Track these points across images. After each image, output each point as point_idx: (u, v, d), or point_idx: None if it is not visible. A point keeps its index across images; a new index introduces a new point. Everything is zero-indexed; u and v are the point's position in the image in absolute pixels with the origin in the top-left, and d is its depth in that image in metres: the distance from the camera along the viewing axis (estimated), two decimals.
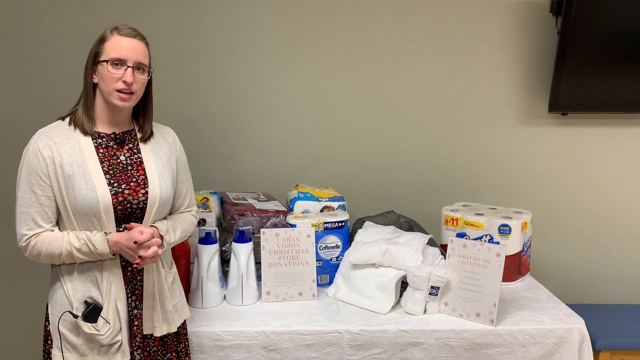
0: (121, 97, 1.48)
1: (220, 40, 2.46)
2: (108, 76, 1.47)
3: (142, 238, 1.47)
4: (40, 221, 1.48)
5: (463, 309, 1.88)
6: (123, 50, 1.47)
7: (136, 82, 1.49)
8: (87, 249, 1.47)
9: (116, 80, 1.47)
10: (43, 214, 1.48)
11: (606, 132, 2.54)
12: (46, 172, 1.46)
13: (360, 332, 1.81)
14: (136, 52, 1.48)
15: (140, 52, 1.50)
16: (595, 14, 2.30)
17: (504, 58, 2.49)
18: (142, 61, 1.50)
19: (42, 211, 1.48)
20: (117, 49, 1.47)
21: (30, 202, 1.47)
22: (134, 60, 1.48)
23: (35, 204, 1.47)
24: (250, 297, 2.00)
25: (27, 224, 1.48)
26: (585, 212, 2.59)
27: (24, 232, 1.48)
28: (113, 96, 1.49)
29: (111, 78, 1.47)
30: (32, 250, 1.48)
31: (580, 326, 1.84)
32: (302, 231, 2.05)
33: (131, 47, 1.48)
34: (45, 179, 1.47)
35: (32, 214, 1.47)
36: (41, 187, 1.47)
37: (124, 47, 1.47)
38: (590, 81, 2.38)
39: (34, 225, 1.48)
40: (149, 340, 1.60)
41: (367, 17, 2.47)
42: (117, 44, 1.47)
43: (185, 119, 2.48)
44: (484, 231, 2.19)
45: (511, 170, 2.57)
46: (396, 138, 2.55)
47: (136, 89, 1.50)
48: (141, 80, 1.51)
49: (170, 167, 1.64)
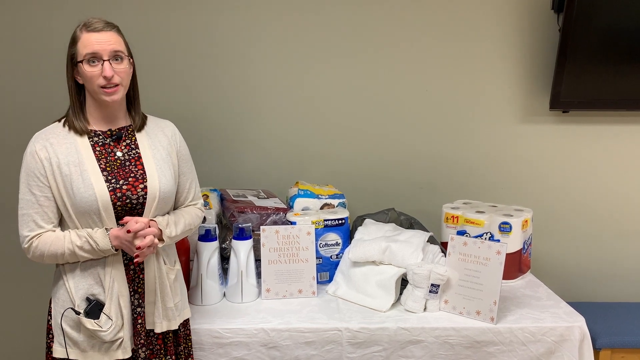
0: (106, 92, 1.48)
1: (218, 37, 2.46)
2: (87, 75, 1.47)
3: (136, 227, 1.46)
4: (40, 222, 1.48)
5: (463, 307, 1.88)
6: (95, 46, 1.45)
7: (117, 73, 1.48)
8: (89, 247, 1.47)
9: (97, 77, 1.46)
10: (43, 215, 1.48)
11: (608, 130, 2.53)
12: (44, 173, 1.47)
13: (360, 329, 1.81)
14: (108, 43, 1.47)
15: (113, 41, 1.48)
16: (597, 10, 2.29)
17: (505, 55, 2.48)
18: (116, 49, 1.48)
19: (42, 212, 1.48)
20: (88, 45, 1.45)
21: (30, 203, 1.48)
22: (109, 51, 1.46)
23: (34, 205, 1.48)
24: (250, 294, 2.00)
25: (28, 225, 1.48)
26: (586, 210, 2.58)
27: (25, 234, 1.49)
28: (99, 93, 1.48)
29: (91, 76, 1.46)
30: (35, 251, 1.49)
31: (580, 324, 1.83)
32: (302, 228, 2.04)
33: (102, 40, 1.46)
34: (44, 180, 1.47)
35: (32, 215, 1.48)
36: (40, 188, 1.47)
37: (95, 41, 1.45)
38: (591, 78, 2.37)
39: (34, 227, 1.48)
40: (152, 338, 1.60)
41: (368, 14, 2.46)
42: (88, 40, 1.46)
43: (185, 116, 2.48)
44: (485, 229, 2.19)
45: (512, 167, 2.57)
46: (396, 135, 2.54)
47: (120, 80, 1.49)
48: (123, 70, 1.50)
49: (171, 160, 1.63)
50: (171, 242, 1.62)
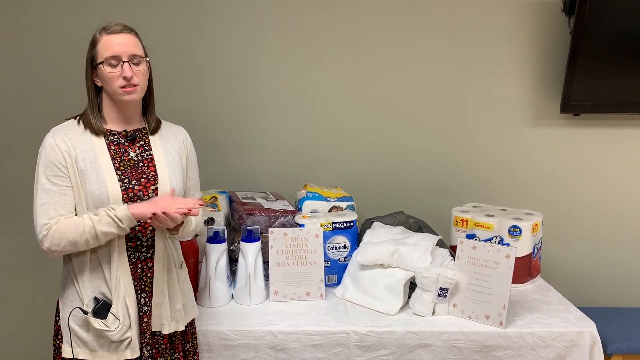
0: (126, 91, 1.50)
1: (228, 43, 2.47)
2: (108, 77, 1.50)
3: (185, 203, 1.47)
4: (60, 210, 1.49)
5: (472, 311, 1.87)
6: (115, 47, 1.49)
7: (136, 74, 1.51)
8: (108, 218, 1.46)
9: (117, 79, 1.49)
10: (64, 204, 1.49)
11: (619, 133, 2.51)
12: (64, 164, 1.49)
13: (368, 333, 1.80)
14: (127, 46, 1.50)
15: (132, 44, 1.51)
16: (608, 13, 2.27)
17: (516, 58, 2.47)
18: (135, 53, 1.51)
19: (64, 201, 1.49)
20: (108, 47, 1.49)
21: (50, 193, 1.48)
22: (128, 53, 1.50)
23: (56, 194, 1.49)
24: (258, 296, 2.00)
25: (47, 213, 1.48)
26: (597, 214, 2.56)
27: (44, 222, 1.47)
28: (118, 94, 1.51)
29: (111, 77, 1.50)
30: (53, 236, 1.47)
31: (591, 329, 1.81)
32: (311, 231, 2.04)
33: (122, 42, 1.50)
34: (64, 170, 1.49)
35: (52, 204, 1.48)
36: (61, 178, 1.49)
37: (115, 43, 1.49)
38: (602, 82, 2.35)
39: (55, 214, 1.48)
40: (158, 337, 1.61)
41: (377, 17, 2.46)
42: (108, 42, 1.49)
43: (196, 119, 2.49)
44: (494, 232, 2.18)
45: (522, 171, 2.55)
46: (406, 138, 2.54)
47: (138, 82, 1.52)
48: (141, 72, 1.53)
49: (181, 164, 1.66)
50: (181, 237, 1.64)
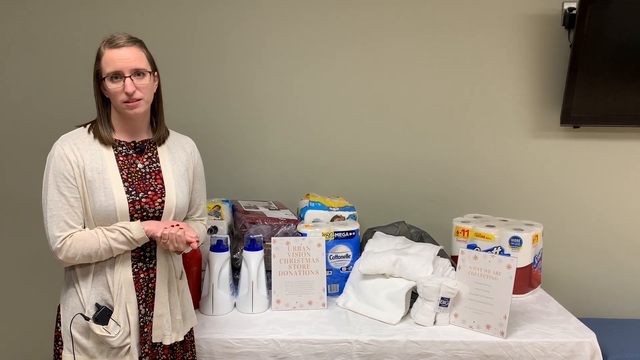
0: (129, 106, 1.51)
1: (234, 51, 2.49)
2: (111, 91, 1.51)
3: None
4: (71, 222, 1.50)
5: (473, 321, 1.88)
6: (116, 63, 1.48)
7: (139, 88, 1.51)
8: (124, 238, 1.49)
9: (120, 94, 1.50)
10: (74, 215, 1.50)
11: (618, 146, 2.53)
12: (72, 175, 1.50)
13: (369, 342, 1.81)
14: (129, 61, 1.49)
15: (134, 58, 1.51)
16: (608, 27, 2.30)
17: (516, 71, 2.50)
18: (138, 67, 1.51)
19: (73, 212, 1.50)
20: (110, 63, 1.49)
21: (60, 204, 1.49)
22: (130, 68, 1.50)
23: (65, 205, 1.50)
24: (260, 305, 2.01)
25: (58, 226, 1.50)
26: (597, 226, 2.57)
27: (57, 234, 1.49)
28: (122, 108, 1.53)
29: (114, 92, 1.51)
30: (69, 250, 1.49)
31: (591, 340, 1.82)
32: (313, 240, 2.06)
33: (123, 57, 1.49)
34: (73, 181, 1.50)
35: (62, 215, 1.50)
36: (69, 189, 1.50)
37: (116, 59, 1.49)
38: (602, 94, 2.37)
39: (66, 227, 1.50)
40: (158, 348, 1.61)
41: (379, 28, 2.48)
42: (110, 58, 1.49)
43: (199, 129, 2.51)
44: (495, 243, 2.19)
45: (523, 182, 2.57)
46: (407, 148, 2.56)
47: (142, 95, 1.52)
48: (145, 85, 1.53)
49: (187, 176, 1.67)
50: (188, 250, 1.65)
